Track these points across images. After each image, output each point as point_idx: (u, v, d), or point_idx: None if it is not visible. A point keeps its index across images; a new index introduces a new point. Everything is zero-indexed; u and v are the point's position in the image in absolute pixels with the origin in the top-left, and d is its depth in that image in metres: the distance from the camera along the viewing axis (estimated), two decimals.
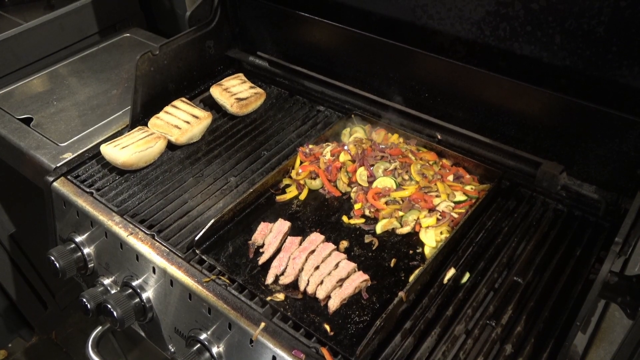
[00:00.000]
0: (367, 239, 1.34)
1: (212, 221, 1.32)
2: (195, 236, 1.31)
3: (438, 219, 1.35)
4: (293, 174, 1.52)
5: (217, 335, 1.20)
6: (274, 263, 1.26)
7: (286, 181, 1.51)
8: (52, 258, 1.45)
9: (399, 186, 1.43)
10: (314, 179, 1.50)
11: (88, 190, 1.49)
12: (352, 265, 1.23)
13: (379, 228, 1.36)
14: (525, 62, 1.39)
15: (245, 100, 1.74)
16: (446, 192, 1.40)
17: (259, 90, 1.81)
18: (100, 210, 1.43)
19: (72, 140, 1.70)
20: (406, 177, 1.45)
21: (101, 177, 1.54)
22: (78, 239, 1.48)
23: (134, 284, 1.36)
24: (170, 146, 1.63)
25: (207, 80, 1.92)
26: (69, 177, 1.54)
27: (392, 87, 1.63)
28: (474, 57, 1.49)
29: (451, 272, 1.23)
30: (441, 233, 1.32)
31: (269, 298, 1.19)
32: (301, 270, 1.24)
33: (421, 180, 1.44)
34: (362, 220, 1.40)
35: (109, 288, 1.44)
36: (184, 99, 1.77)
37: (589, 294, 1.00)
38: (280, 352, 1.09)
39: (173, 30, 2.33)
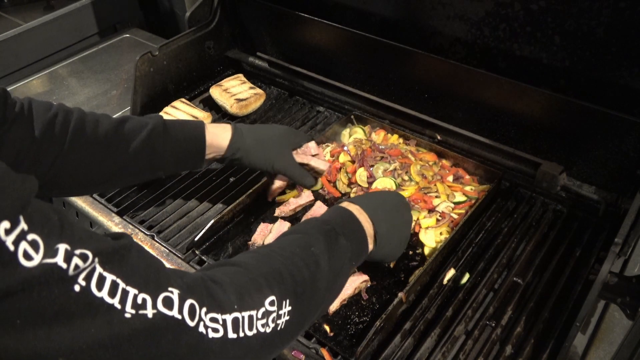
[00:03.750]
0: None
1: (212, 222, 1.32)
2: (195, 237, 1.31)
3: (438, 220, 1.35)
4: None
5: None
6: None
7: None
8: None
9: (399, 187, 1.43)
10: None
11: None
12: None
13: None
14: (525, 62, 1.39)
15: (245, 100, 1.74)
16: (446, 193, 1.40)
17: (258, 90, 1.81)
18: (99, 211, 1.43)
19: None
20: (406, 177, 1.45)
21: None
22: None
23: None
24: None
25: (207, 80, 1.92)
26: None
27: (391, 88, 1.63)
28: (474, 58, 1.49)
29: (451, 272, 1.23)
30: (441, 234, 1.32)
31: None
32: None
33: (421, 180, 1.43)
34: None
35: None
36: (183, 99, 1.77)
37: (588, 294, 1.00)
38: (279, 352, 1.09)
39: (173, 30, 2.33)
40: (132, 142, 1.13)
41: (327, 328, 1.13)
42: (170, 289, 0.67)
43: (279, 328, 0.79)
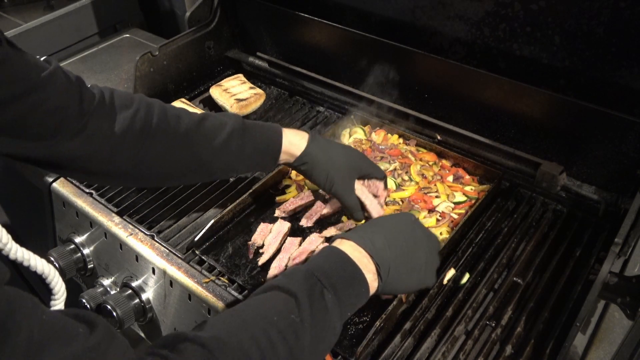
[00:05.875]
0: None
1: (212, 222, 1.32)
2: (195, 237, 1.31)
3: (438, 220, 1.35)
4: (293, 174, 1.52)
5: None
6: (274, 264, 1.26)
7: (286, 182, 1.51)
8: (52, 259, 1.44)
9: (399, 187, 1.43)
10: None
11: (87, 190, 1.48)
12: None
13: None
14: (525, 62, 1.39)
15: (245, 100, 1.74)
16: (446, 193, 1.40)
17: (258, 90, 1.81)
18: (99, 211, 1.43)
19: None
20: (406, 177, 1.45)
21: None
22: (77, 239, 1.48)
23: (133, 284, 1.35)
24: None
25: (207, 81, 1.92)
26: (68, 177, 1.54)
27: (391, 88, 1.63)
28: (474, 58, 1.49)
29: (451, 272, 1.23)
30: (441, 234, 1.32)
31: None
32: None
33: (421, 180, 1.44)
34: (362, 221, 1.40)
35: (108, 289, 1.44)
36: (183, 99, 1.77)
37: (588, 294, 1.00)
38: None
39: (173, 31, 2.33)
40: (213, 140, 1.13)
41: None
42: None
43: None
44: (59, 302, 0.88)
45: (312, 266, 0.90)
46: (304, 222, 1.37)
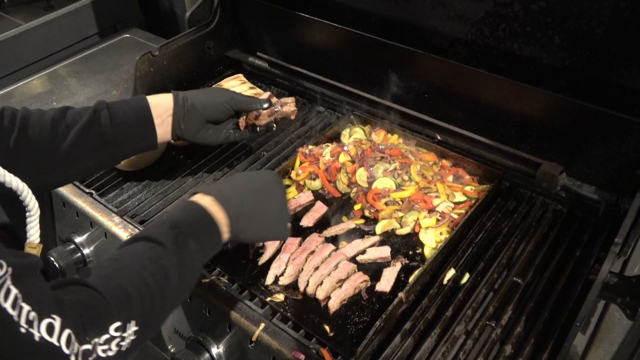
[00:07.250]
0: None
1: None
2: None
3: (438, 220, 1.35)
4: (293, 174, 1.52)
5: (217, 335, 1.20)
6: (274, 264, 1.26)
7: (286, 182, 1.51)
8: (52, 259, 1.45)
9: (399, 187, 1.43)
10: (314, 179, 1.50)
11: (87, 190, 1.49)
12: (352, 265, 1.23)
13: (379, 229, 1.36)
14: (525, 62, 1.40)
15: None
16: (446, 193, 1.40)
17: (258, 90, 1.81)
18: (99, 211, 1.43)
19: None
20: (406, 177, 1.45)
21: (101, 178, 1.54)
22: (78, 239, 1.48)
23: None
24: (170, 147, 1.63)
25: (207, 80, 1.92)
26: None
27: (391, 88, 1.63)
28: (474, 58, 1.49)
29: (451, 272, 1.23)
30: (441, 234, 1.32)
31: (268, 299, 1.19)
32: (301, 271, 1.24)
33: (421, 181, 1.43)
34: (362, 220, 1.40)
35: None
36: None
37: (588, 294, 1.00)
38: (280, 352, 1.09)
39: (173, 31, 2.33)
40: (79, 121, 1.20)
41: (327, 328, 1.13)
42: (53, 315, 0.73)
43: (123, 349, 0.85)
44: (34, 218, 1.01)
45: (176, 218, 1.03)
46: (304, 222, 1.38)
